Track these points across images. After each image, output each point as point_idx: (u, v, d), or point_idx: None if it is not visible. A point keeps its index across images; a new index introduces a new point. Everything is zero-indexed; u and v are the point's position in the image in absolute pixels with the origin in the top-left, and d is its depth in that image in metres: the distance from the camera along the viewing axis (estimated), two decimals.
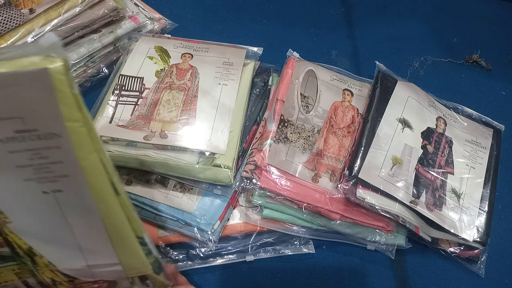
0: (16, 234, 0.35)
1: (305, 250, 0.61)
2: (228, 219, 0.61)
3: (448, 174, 0.65)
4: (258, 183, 0.58)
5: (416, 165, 0.63)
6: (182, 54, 0.71)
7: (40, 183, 0.31)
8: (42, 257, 0.37)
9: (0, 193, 0.32)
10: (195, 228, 0.58)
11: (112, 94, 0.64)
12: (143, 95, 0.65)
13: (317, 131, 0.65)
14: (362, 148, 0.62)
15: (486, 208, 0.63)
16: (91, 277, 0.39)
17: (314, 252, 0.61)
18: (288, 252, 0.60)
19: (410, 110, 0.68)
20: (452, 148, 0.67)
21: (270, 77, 0.72)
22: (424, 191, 0.62)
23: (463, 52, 0.88)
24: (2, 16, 0.65)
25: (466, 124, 0.71)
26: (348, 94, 0.70)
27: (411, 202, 0.59)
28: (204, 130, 0.61)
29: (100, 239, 0.35)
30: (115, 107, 0.63)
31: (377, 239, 0.60)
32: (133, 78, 0.67)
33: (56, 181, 0.31)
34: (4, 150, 0.29)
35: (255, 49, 0.74)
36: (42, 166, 0.30)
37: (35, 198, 0.32)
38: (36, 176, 0.31)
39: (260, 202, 0.59)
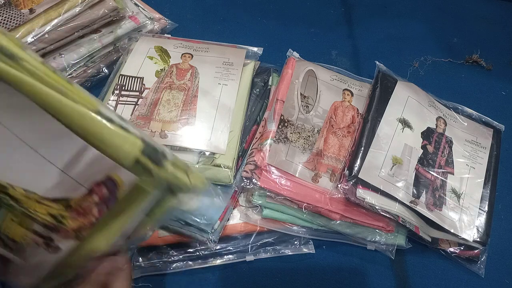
0: None
1: (305, 250, 0.61)
2: (228, 219, 0.60)
3: (448, 174, 0.65)
4: (258, 183, 0.58)
5: (416, 165, 0.63)
6: (182, 54, 0.71)
7: None
8: (15, 188, 0.34)
9: None
10: (195, 228, 0.58)
11: (112, 94, 0.64)
12: (143, 95, 0.65)
13: (317, 131, 0.65)
14: (362, 148, 0.62)
15: (486, 208, 0.63)
16: (77, 187, 0.34)
17: (314, 252, 0.61)
18: (288, 252, 0.60)
19: (410, 110, 0.68)
20: (452, 148, 0.67)
21: (270, 77, 0.72)
22: (424, 191, 0.61)
23: (463, 52, 0.88)
24: (2, 16, 0.65)
25: (466, 124, 0.71)
26: (348, 94, 0.70)
27: (411, 202, 0.59)
28: (204, 130, 0.61)
29: (45, 127, 0.32)
30: (115, 107, 0.63)
31: (377, 239, 0.60)
32: (133, 78, 0.67)
33: None
34: None
35: (255, 49, 0.74)
36: None
37: None
38: None
39: (260, 202, 0.59)
